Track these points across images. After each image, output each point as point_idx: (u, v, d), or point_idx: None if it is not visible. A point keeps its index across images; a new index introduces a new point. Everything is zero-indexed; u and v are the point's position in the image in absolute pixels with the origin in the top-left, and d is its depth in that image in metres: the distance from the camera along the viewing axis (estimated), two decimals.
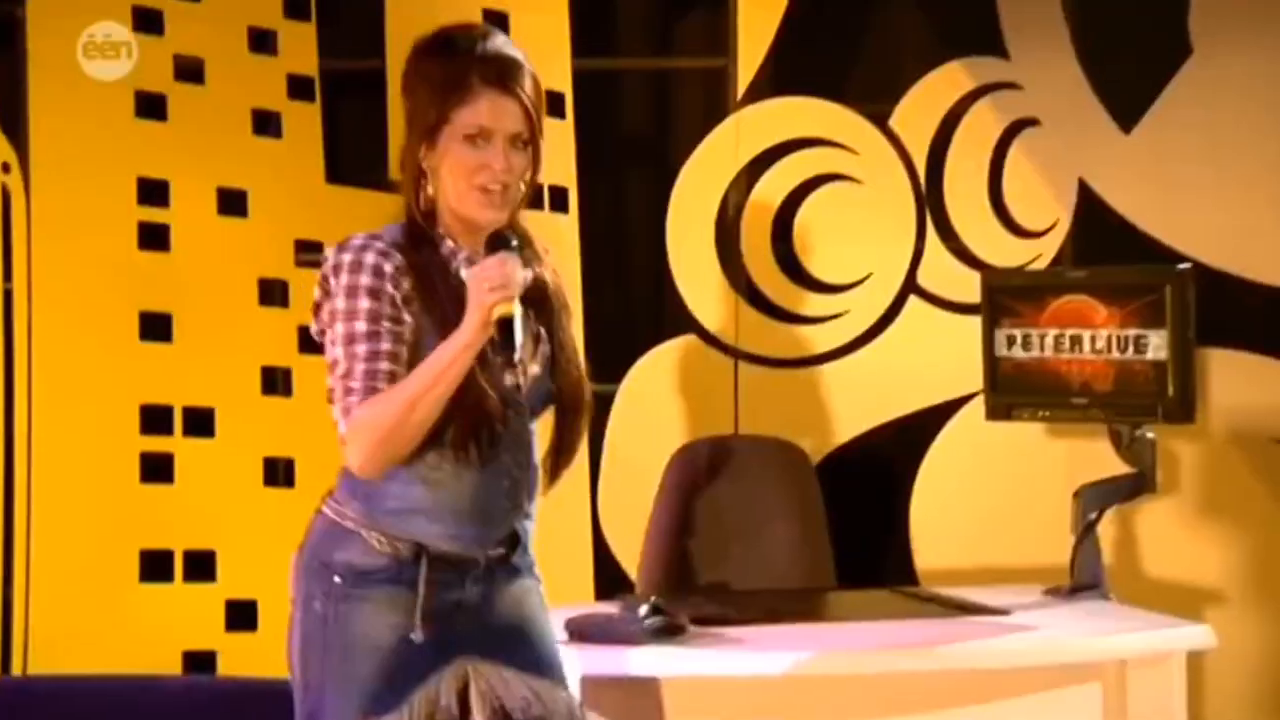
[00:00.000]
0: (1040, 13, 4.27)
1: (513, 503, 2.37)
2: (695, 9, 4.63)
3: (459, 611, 2.35)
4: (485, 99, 2.30)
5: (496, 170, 2.30)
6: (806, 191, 4.42)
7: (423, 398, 2.25)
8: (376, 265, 2.31)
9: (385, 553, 2.32)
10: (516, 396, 2.35)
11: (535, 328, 2.40)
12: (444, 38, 2.40)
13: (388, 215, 4.35)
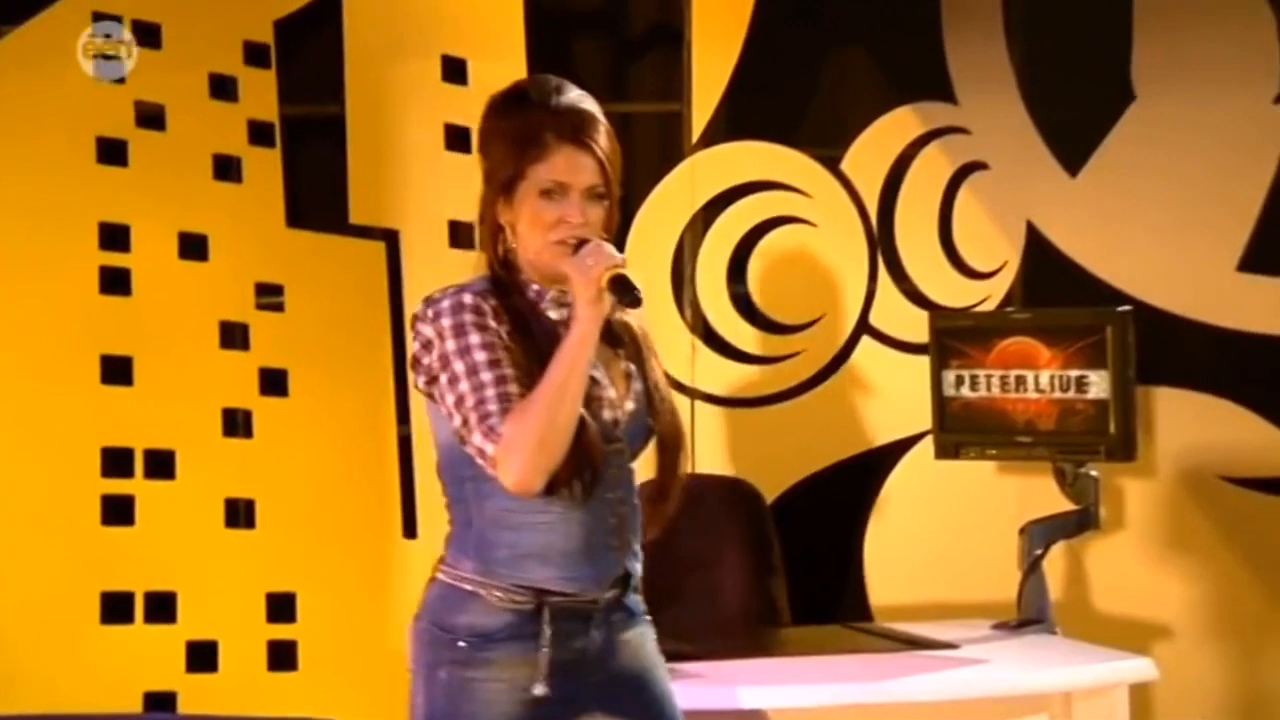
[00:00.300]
0: (987, 59, 4.36)
1: (620, 540, 2.37)
2: (650, 54, 4.69)
3: (584, 662, 2.35)
4: (560, 154, 2.33)
5: (574, 223, 2.33)
6: (761, 234, 4.47)
7: (562, 393, 2.25)
8: (476, 305, 2.33)
9: (506, 608, 2.32)
10: (615, 433, 2.36)
11: (627, 366, 2.41)
12: (517, 93, 2.42)
13: (347, 258, 4.39)
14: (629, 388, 2.39)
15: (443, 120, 4.44)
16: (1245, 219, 4.19)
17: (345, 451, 4.39)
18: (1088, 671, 3.05)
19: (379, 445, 4.38)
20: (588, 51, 4.73)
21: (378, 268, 4.41)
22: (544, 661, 2.30)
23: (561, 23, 4.66)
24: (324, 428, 4.35)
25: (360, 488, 4.40)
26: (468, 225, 4.33)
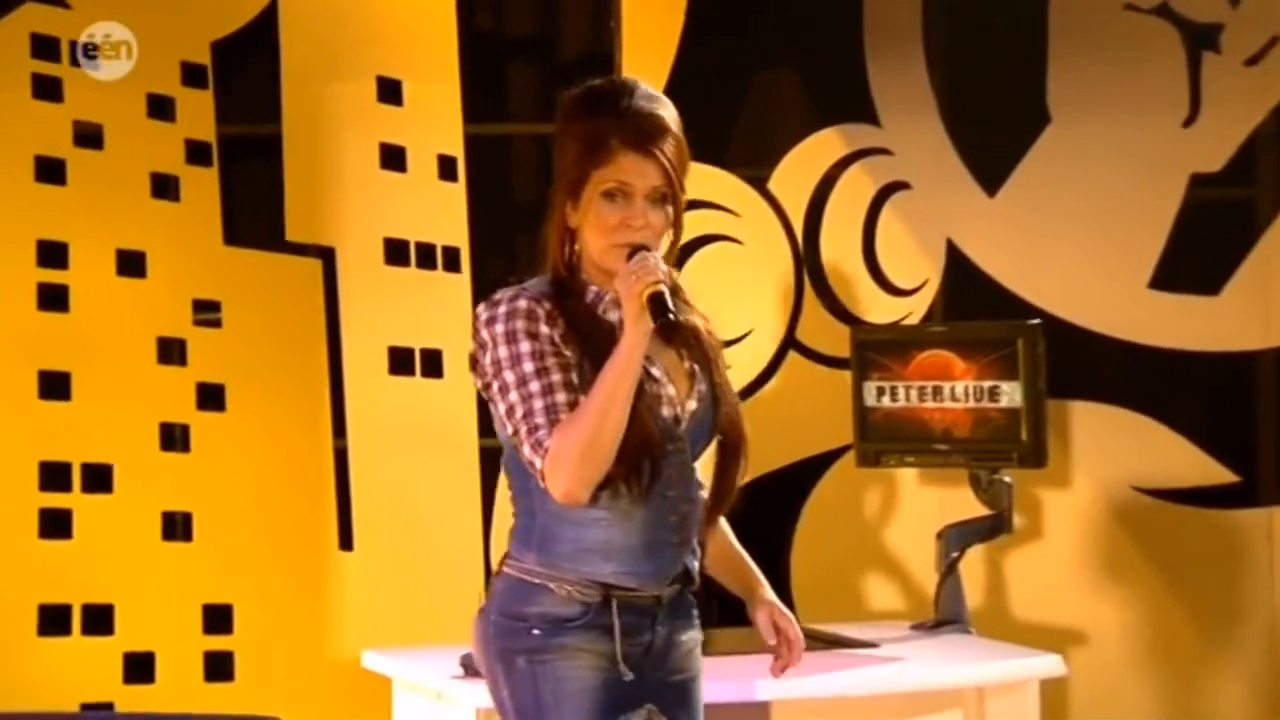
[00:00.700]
0: (909, 83, 4.47)
1: (681, 538, 2.38)
2: (583, 77, 4.65)
3: (648, 657, 2.37)
4: (624, 158, 2.34)
5: (635, 226, 2.33)
6: (690, 251, 4.43)
7: (609, 406, 2.26)
8: (529, 310, 2.33)
9: (575, 599, 2.34)
10: (675, 431, 2.37)
11: (690, 365, 2.41)
12: (588, 97, 2.42)
13: (283, 275, 4.45)
14: (692, 387, 2.39)
15: (378, 140, 4.49)
16: (1156, 239, 4.34)
17: (282, 465, 4.42)
18: (999, 667, 3.17)
19: (315, 459, 4.42)
20: (520, 73, 4.79)
21: (314, 285, 4.46)
22: (620, 649, 2.32)
23: (495, 45, 4.72)
24: (261, 442, 4.39)
25: (297, 501, 4.43)
26: (403, 242, 4.44)
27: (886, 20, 4.50)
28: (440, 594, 4.28)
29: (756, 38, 4.58)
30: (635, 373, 2.28)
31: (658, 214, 2.36)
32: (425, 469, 4.50)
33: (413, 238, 4.53)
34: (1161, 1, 4.41)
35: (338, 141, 4.48)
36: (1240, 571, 4.25)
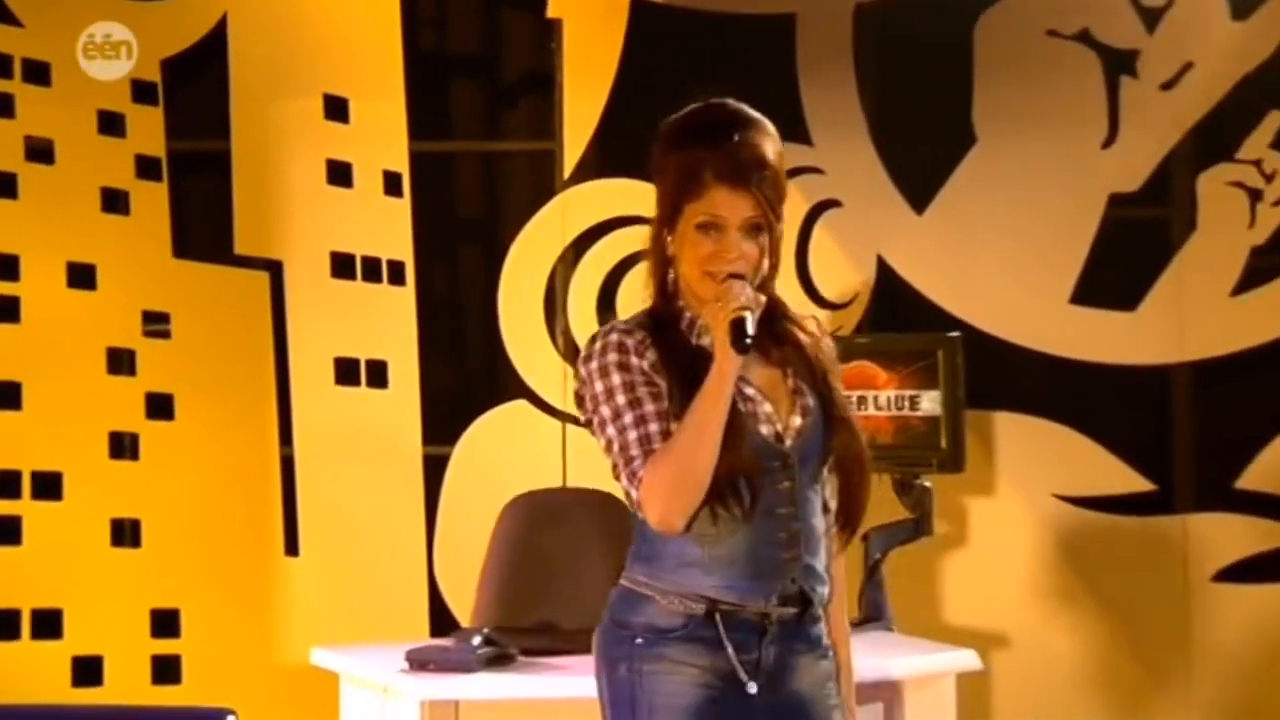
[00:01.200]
0: (840, 104, 4.55)
1: (790, 555, 2.34)
2: (525, 96, 4.82)
3: (757, 676, 2.34)
4: (717, 192, 2.34)
5: (729, 258, 2.33)
6: (628, 266, 4.54)
7: (701, 436, 2.26)
8: (620, 343, 2.36)
9: (679, 611, 2.34)
10: (778, 448, 2.35)
11: (794, 382, 2.40)
12: (684, 127, 2.44)
13: (232, 288, 4.51)
14: (795, 404, 2.38)
15: (325, 156, 4.56)
16: (1077, 255, 4.45)
17: (229, 473, 4.47)
18: (917, 662, 3.28)
19: (262, 467, 4.48)
20: (464, 92, 4.85)
21: (262, 297, 4.53)
22: (734, 660, 2.31)
23: (439, 64, 4.79)
24: (208, 450, 4.45)
25: (243, 507, 4.48)
26: (349, 256, 4.52)
27: (818, 44, 4.58)
28: (384, 598, 4.36)
29: (693, 58, 4.64)
30: (726, 400, 2.28)
31: (751, 244, 2.35)
32: (370, 476, 4.56)
33: (359, 251, 4.60)
34: (1082, 28, 4.52)
35: (285, 157, 4.55)
36: (1156, 574, 4.38)
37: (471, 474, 4.56)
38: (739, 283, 2.30)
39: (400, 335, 4.58)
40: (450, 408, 4.62)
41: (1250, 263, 4.51)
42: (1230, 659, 4.33)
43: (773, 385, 2.37)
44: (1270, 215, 4.50)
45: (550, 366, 4.59)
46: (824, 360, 2.42)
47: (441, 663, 3.28)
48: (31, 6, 4.38)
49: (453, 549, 4.51)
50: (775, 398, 2.37)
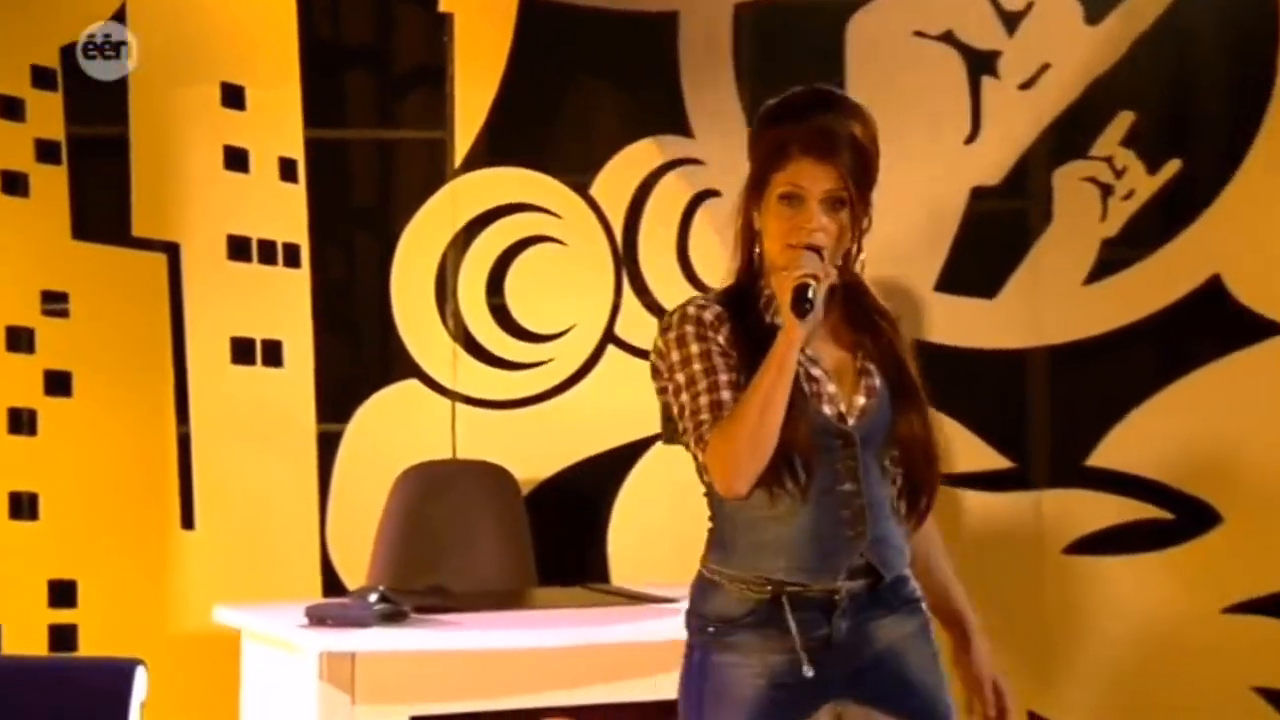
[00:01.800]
0: (720, 99, 4.67)
1: (856, 532, 2.36)
2: (417, 87, 4.89)
3: (829, 651, 2.36)
4: (800, 163, 2.36)
5: (809, 228, 2.35)
6: (517, 251, 4.71)
7: (764, 403, 2.28)
8: (697, 317, 2.39)
9: (749, 598, 2.36)
10: (840, 427, 2.37)
11: (862, 363, 2.41)
12: (780, 107, 2.46)
13: (130, 269, 4.60)
14: (860, 384, 2.39)
15: (222, 142, 4.62)
16: (941, 245, 4.61)
17: (127, 448, 4.54)
18: None
19: (159, 443, 4.56)
20: (358, 81, 4.91)
21: (159, 278, 4.59)
22: (800, 644, 2.32)
23: (334, 55, 4.85)
24: (106, 426, 4.51)
25: (141, 482, 4.55)
26: (245, 239, 4.62)
27: (699, 41, 4.70)
28: (278, 569, 4.44)
29: (581, 55, 4.77)
30: (789, 367, 2.29)
31: (834, 216, 2.37)
32: (264, 453, 4.62)
33: (255, 235, 4.65)
34: (947, 29, 4.67)
35: (183, 143, 4.60)
36: (1012, 547, 4.61)
37: (364, 450, 4.65)
38: (810, 254, 2.32)
39: (295, 316, 4.65)
40: (343, 386, 4.69)
41: (1102, 254, 4.68)
42: (1080, 626, 4.55)
43: (841, 366, 2.40)
44: (1121, 209, 4.68)
45: (441, 347, 4.69)
46: (899, 346, 2.44)
47: (339, 618, 3.43)
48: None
49: (345, 522, 4.60)
50: (841, 378, 2.39)
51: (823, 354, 2.39)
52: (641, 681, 3.56)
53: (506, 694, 3.54)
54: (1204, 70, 4.85)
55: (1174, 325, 4.69)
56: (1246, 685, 4.61)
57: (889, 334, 2.44)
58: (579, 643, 3.50)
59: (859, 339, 2.42)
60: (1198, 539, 4.63)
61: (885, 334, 2.44)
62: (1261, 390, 4.64)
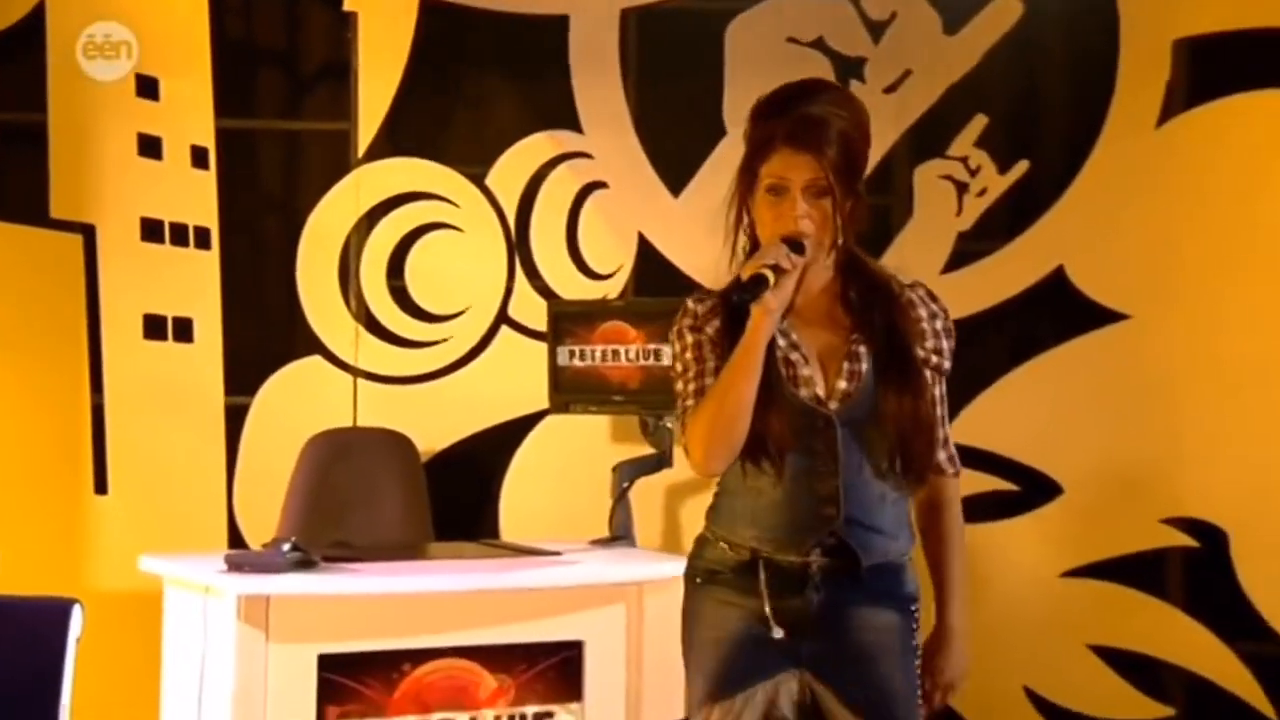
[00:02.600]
0: (607, 97, 4.85)
1: (829, 511, 2.37)
2: (323, 81, 5.01)
3: (803, 623, 2.39)
4: (784, 155, 2.37)
5: (793, 216, 2.36)
6: (416, 237, 4.87)
7: (729, 386, 2.31)
8: (692, 310, 2.47)
9: (730, 556, 2.42)
10: (818, 410, 2.37)
11: (854, 348, 2.39)
12: (768, 102, 2.47)
13: (47, 248, 4.71)
14: (845, 369, 2.38)
15: (136, 130, 4.76)
16: None
17: (43, 419, 4.68)
18: (655, 569, 3.74)
19: (74, 413, 4.70)
20: (268, 76, 5.02)
21: (75, 257, 4.72)
22: (768, 602, 2.36)
23: (244, 49, 4.96)
24: (23, 398, 4.65)
25: (56, 450, 4.69)
26: (158, 222, 4.78)
27: (588, 43, 4.86)
28: (187, 532, 4.60)
29: (477, 54, 4.91)
30: (754, 354, 2.31)
31: (816, 204, 2.36)
32: (175, 423, 4.78)
33: (167, 218, 4.79)
34: (818, 36, 4.85)
35: (99, 130, 4.73)
36: None
37: (269, 421, 4.81)
38: (780, 246, 2.33)
39: (205, 295, 4.81)
40: (250, 362, 4.83)
41: (957, 246, 4.87)
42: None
43: (830, 349, 2.40)
44: (974, 205, 4.87)
45: (343, 327, 4.86)
46: (899, 323, 2.41)
47: (255, 564, 3.63)
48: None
49: (251, 488, 4.77)
50: (827, 361, 2.39)
51: (812, 338, 2.40)
52: (528, 624, 3.81)
53: (405, 634, 3.73)
54: (1051, 79, 5.05)
55: (1021, 313, 4.89)
56: (1083, 643, 4.85)
57: (888, 313, 2.42)
58: (471, 588, 3.73)
59: (859, 320, 2.41)
60: (1040, 509, 4.86)
61: (883, 313, 2.42)
62: (1099, 373, 4.85)
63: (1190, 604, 4.87)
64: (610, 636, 3.83)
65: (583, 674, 3.80)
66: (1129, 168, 4.86)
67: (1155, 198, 4.85)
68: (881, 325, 2.40)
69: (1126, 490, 4.87)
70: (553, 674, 3.81)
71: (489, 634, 3.76)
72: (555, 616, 3.78)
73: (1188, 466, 4.85)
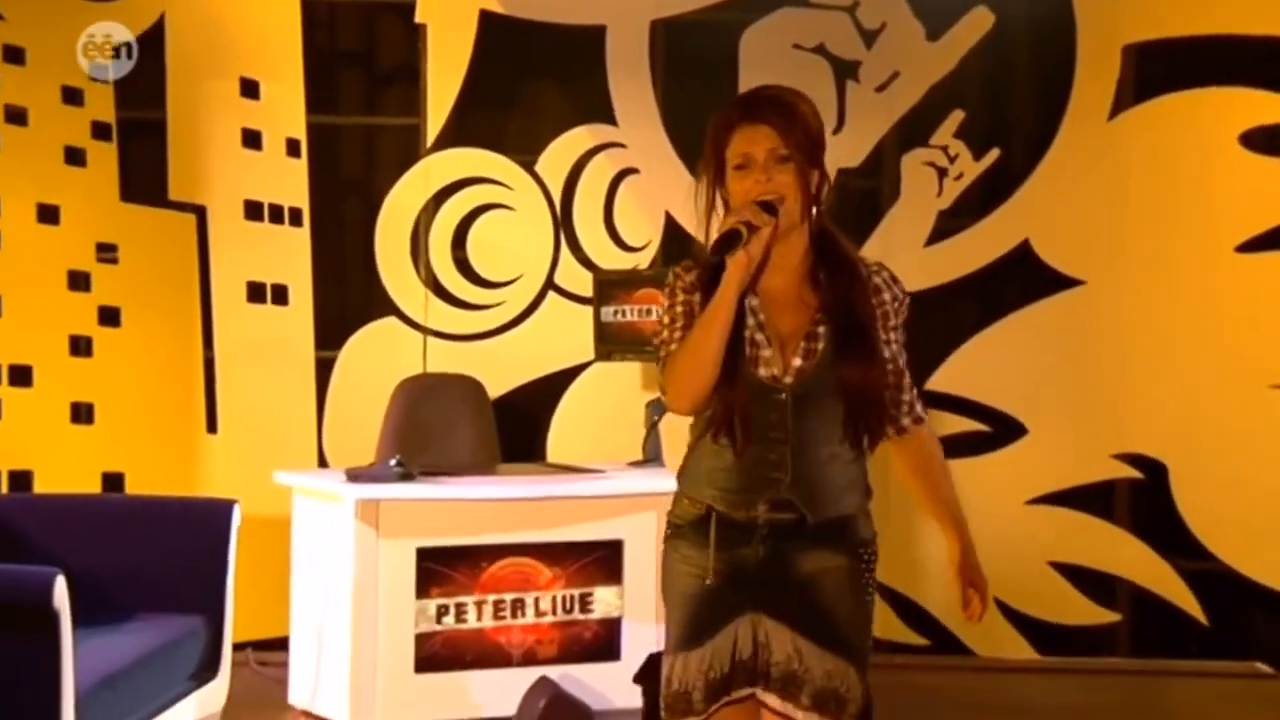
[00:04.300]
0: (639, 95, 5.24)
1: (778, 475, 2.41)
2: (397, 82, 5.39)
3: (748, 570, 2.43)
4: (741, 131, 2.42)
5: (762, 184, 2.39)
6: (476, 215, 5.28)
7: (706, 327, 2.36)
8: (679, 275, 2.52)
9: (692, 512, 2.50)
10: (773, 386, 2.42)
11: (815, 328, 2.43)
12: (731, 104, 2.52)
13: (166, 225, 5.16)
14: (802, 347, 2.41)
15: (240, 125, 5.18)
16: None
17: (163, 368, 5.12)
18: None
19: (189, 363, 5.16)
20: (350, 78, 5.42)
21: (190, 233, 5.17)
22: (712, 558, 2.43)
23: (330, 56, 5.37)
24: (147, 351, 5.11)
25: (175, 394, 5.14)
26: (258, 203, 5.22)
27: (623, 50, 5.24)
28: (281, 466, 4.87)
29: (528, 59, 5.29)
30: (727, 306, 2.35)
31: (781, 172, 2.39)
32: (273, 373, 5.21)
33: (266, 200, 5.21)
34: (819, 43, 5.25)
35: (209, 125, 5.13)
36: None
37: (352, 372, 5.27)
38: (751, 206, 2.38)
39: (298, 265, 5.22)
40: (336, 321, 5.24)
41: (938, 223, 5.28)
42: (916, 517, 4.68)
43: (792, 330, 2.43)
44: (953, 188, 5.29)
45: (414, 292, 5.29)
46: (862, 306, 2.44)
47: (369, 477, 4.24)
48: (10, 2, 4.94)
49: (337, 428, 5.25)
50: (787, 341, 2.43)
51: (779, 320, 2.44)
52: (578, 527, 4.44)
53: (483, 533, 4.39)
54: (1018, 79, 5.47)
55: (992, 280, 5.32)
56: (1044, 560, 5.36)
57: (849, 292, 2.45)
58: (534, 496, 4.37)
59: (825, 300, 2.44)
60: (1008, 447, 5.33)
61: (845, 292, 2.45)
62: (1059, 330, 5.31)
63: (1135, 526, 5.38)
64: (644, 535, 4.40)
65: (622, 564, 4.47)
66: (1084, 155, 5.31)
67: (1107, 181, 5.31)
68: (843, 303, 2.43)
69: (1081, 430, 5.34)
70: (596, 565, 4.48)
71: (547, 534, 4.41)
72: (600, 520, 4.44)
73: (1133, 410, 5.33)
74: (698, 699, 2.42)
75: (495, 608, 4.42)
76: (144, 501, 4.17)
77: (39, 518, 3.84)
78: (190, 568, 3.81)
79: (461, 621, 4.39)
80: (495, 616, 4.42)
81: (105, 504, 4.25)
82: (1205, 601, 5.36)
